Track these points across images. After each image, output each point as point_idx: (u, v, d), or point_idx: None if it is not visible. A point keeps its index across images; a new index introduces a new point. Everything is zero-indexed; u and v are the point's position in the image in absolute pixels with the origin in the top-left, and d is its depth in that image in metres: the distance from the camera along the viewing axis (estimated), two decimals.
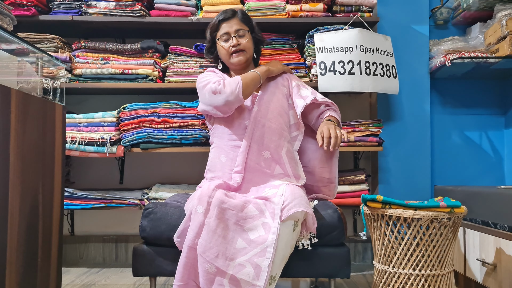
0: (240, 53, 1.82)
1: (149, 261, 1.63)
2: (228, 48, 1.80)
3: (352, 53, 2.30)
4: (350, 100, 2.72)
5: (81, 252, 2.70)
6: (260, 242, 1.44)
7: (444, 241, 1.60)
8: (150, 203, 1.72)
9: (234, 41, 1.79)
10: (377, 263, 1.73)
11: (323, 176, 1.84)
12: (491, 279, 1.79)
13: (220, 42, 1.82)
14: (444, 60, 2.39)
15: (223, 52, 1.84)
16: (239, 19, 1.83)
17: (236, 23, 1.82)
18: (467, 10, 2.49)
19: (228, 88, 1.69)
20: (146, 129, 2.33)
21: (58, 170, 1.63)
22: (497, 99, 2.72)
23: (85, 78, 2.42)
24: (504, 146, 2.70)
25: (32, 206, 1.43)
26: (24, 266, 1.38)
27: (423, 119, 2.57)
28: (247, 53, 1.84)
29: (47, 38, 2.41)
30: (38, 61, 1.70)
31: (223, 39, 1.82)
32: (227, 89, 1.69)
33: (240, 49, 1.81)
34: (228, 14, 1.83)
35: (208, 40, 1.89)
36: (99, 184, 2.69)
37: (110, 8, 2.40)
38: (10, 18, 1.72)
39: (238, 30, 1.81)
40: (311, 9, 2.41)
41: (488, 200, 1.88)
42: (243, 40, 1.82)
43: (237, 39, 1.80)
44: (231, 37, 1.80)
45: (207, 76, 1.82)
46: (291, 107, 1.86)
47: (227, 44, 1.81)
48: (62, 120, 1.67)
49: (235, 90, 1.68)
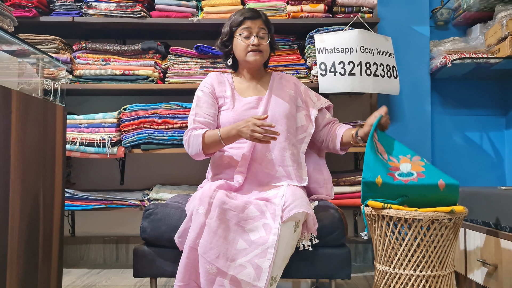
0: (259, 53, 1.80)
1: (150, 262, 1.63)
2: (247, 46, 1.79)
3: (353, 53, 2.30)
4: (350, 101, 2.72)
5: (82, 253, 2.70)
6: (261, 243, 1.44)
7: (445, 242, 1.60)
8: (150, 204, 1.72)
9: (256, 41, 1.78)
10: (377, 264, 1.73)
11: (318, 177, 1.85)
12: (492, 280, 1.78)
13: (240, 38, 1.80)
14: (445, 61, 2.39)
15: (240, 48, 1.81)
16: (262, 21, 1.82)
17: (260, 24, 1.81)
18: (468, 10, 2.49)
19: (190, 149, 1.75)
20: (147, 130, 2.33)
21: (59, 171, 1.63)
22: (497, 99, 2.71)
23: (86, 79, 2.42)
24: (504, 147, 2.70)
25: (32, 207, 1.43)
26: (24, 267, 1.38)
27: (423, 120, 2.57)
28: (264, 55, 1.83)
29: (48, 39, 2.41)
30: (39, 62, 1.70)
31: (244, 35, 1.79)
32: (190, 149, 1.75)
33: (260, 49, 1.80)
34: (254, 13, 1.82)
35: (226, 33, 1.85)
36: (100, 185, 2.69)
37: (110, 9, 2.41)
38: (10, 19, 1.73)
39: (260, 30, 1.80)
40: (311, 10, 2.41)
41: (489, 200, 1.88)
42: (264, 41, 1.81)
43: (259, 39, 1.79)
44: (253, 35, 1.79)
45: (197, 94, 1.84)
46: (299, 109, 1.86)
47: (247, 40, 1.79)
48: (63, 121, 1.67)
49: (195, 151, 1.73)
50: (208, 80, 1.87)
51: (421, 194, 1.56)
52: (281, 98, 1.82)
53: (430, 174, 1.58)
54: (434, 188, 1.55)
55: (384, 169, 1.57)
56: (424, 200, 1.56)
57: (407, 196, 1.57)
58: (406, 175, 1.58)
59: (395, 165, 1.61)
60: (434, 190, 1.55)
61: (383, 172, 1.56)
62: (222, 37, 1.87)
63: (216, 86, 1.85)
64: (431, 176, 1.58)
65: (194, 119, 1.77)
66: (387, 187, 1.55)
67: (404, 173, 1.58)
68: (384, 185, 1.55)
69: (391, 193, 1.57)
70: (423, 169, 1.61)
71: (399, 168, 1.61)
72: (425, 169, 1.61)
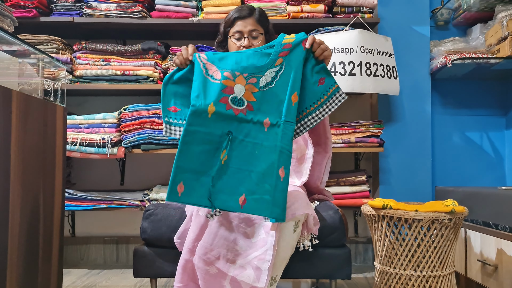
0: None
1: (150, 262, 1.63)
2: (239, 48, 1.74)
3: (353, 54, 2.31)
4: (350, 101, 2.72)
5: (82, 253, 2.70)
6: (261, 244, 1.44)
7: (445, 242, 1.60)
8: (150, 205, 1.72)
9: (246, 42, 1.72)
10: (378, 264, 1.73)
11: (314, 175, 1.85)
12: (492, 280, 1.78)
13: (232, 40, 1.76)
14: (445, 61, 2.39)
15: (233, 49, 1.77)
16: (255, 19, 1.75)
17: (251, 23, 1.74)
18: (468, 11, 2.49)
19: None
20: (147, 130, 2.33)
21: (59, 171, 1.63)
22: (497, 99, 2.71)
23: (86, 79, 2.42)
24: (505, 147, 2.70)
25: (33, 207, 1.43)
26: (24, 267, 1.38)
27: (424, 120, 2.57)
28: None
29: (48, 39, 2.41)
30: (39, 62, 1.70)
31: (236, 37, 1.74)
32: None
33: None
34: (245, 12, 1.75)
35: (221, 34, 1.82)
36: (100, 185, 2.69)
37: (111, 9, 2.41)
38: (11, 19, 1.73)
39: (252, 30, 1.74)
40: (311, 10, 2.41)
41: (489, 201, 1.88)
42: (256, 42, 1.74)
43: (249, 40, 1.73)
44: (244, 37, 1.73)
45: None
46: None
47: (238, 42, 1.74)
48: (63, 121, 1.67)
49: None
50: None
51: (244, 135, 1.36)
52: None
53: (260, 107, 1.38)
54: (259, 126, 1.37)
55: (217, 92, 1.37)
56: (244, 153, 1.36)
57: (231, 137, 1.36)
58: (238, 103, 1.38)
59: (230, 85, 1.39)
60: (258, 129, 1.36)
61: (213, 94, 1.37)
62: (218, 38, 1.85)
63: None
64: (261, 110, 1.38)
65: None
66: (218, 119, 1.36)
67: (237, 99, 1.38)
68: (216, 116, 1.36)
69: (218, 127, 1.36)
70: (254, 98, 1.39)
71: (233, 91, 1.39)
72: (256, 99, 1.38)
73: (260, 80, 1.39)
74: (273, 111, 1.37)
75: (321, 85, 1.42)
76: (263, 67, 1.41)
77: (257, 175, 1.34)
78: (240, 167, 1.35)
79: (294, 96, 1.37)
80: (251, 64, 1.41)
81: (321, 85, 1.42)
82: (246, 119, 1.37)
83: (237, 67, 1.40)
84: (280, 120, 1.36)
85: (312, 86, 1.41)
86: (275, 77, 1.40)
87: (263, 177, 1.33)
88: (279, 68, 1.40)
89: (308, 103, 1.42)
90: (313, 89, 1.41)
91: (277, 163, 1.32)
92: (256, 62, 1.41)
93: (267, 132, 1.36)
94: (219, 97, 1.36)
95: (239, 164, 1.35)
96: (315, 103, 1.42)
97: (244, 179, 1.34)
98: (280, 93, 1.38)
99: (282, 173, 1.32)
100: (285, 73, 1.39)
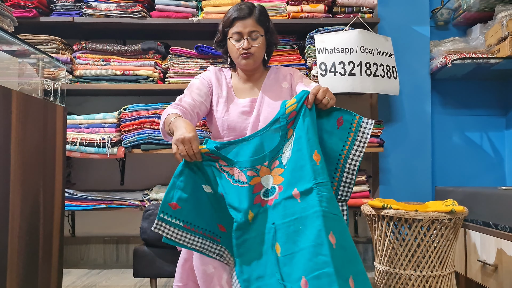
0: (250, 56, 1.69)
1: (150, 262, 1.64)
2: (238, 49, 1.69)
3: (353, 54, 2.31)
4: (350, 101, 2.72)
5: (82, 253, 2.70)
6: None
7: (445, 242, 1.60)
8: (150, 205, 1.72)
9: (245, 44, 1.67)
10: (378, 264, 1.73)
11: None
12: (492, 280, 1.78)
13: (232, 41, 1.71)
14: (445, 61, 2.39)
15: (232, 51, 1.73)
16: (255, 19, 1.69)
17: (251, 23, 1.68)
18: (468, 11, 2.49)
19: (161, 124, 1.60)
20: (147, 130, 2.33)
21: (59, 171, 1.63)
22: (497, 100, 2.71)
23: (86, 79, 2.42)
24: (505, 147, 2.70)
25: (33, 207, 1.43)
26: (25, 267, 1.38)
27: (423, 120, 2.57)
28: (256, 57, 1.71)
29: (48, 39, 2.41)
30: (39, 62, 1.70)
31: (235, 38, 1.69)
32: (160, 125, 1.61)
33: (250, 52, 1.68)
34: (244, 12, 1.69)
35: (220, 33, 1.76)
36: (100, 185, 2.69)
37: (110, 9, 2.41)
38: (11, 19, 1.73)
39: (251, 32, 1.68)
40: (311, 10, 2.41)
41: (489, 201, 1.88)
42: (255, 43, 1.69)
43: (249, 42, 1.68)
44: (243, 38, 1.68)
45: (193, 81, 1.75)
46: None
47: (238, 44, 1.69)
48: (63, 121, 1.67)
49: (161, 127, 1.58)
50: (208, 74, 1.80)
51: (283, 216, 1.29)
52: (274, 97, 1.74)
53: (288, 182, 1.31)
54: (292, 201, 1.29)
55: (248, 196, 1.32)
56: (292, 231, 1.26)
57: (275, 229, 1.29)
58: (270, 193, 1.34)
59: (257, 182, 1.35)
60: (292, 204, 1.29)
61: (246, 200, 1.32)
62: (216, 37, 1.80)
63: (214, 82, 1.80)
64: (289, 184, 1.31)
65: (181, 98, 1.67)
66: (259, 218, 1.32)
67: (269, 190, 1.34)
68: (256, 217, 1.32)
69: (262, 225, 1.32)
70: (282, 178, 1.33)
71: (262, 185, 1.34)
72: (284, 178, 1.33)
73: (282, 159, 1.34)
74: (300, 179, 1.28)
75: (341, 126, 1.36)
76: (278, 147, 1.35)
77: (309, 250, 1.19)
78: (293, 251, 1.23)
79: (315, 155, 1.28)
80: (267, 150, 1.36)
81: (341, 126, 1.36)
82: (278, 202, 1.31)
83: (256, 160, 1.35)
84: (310, 185, 1.25)
85: (332, 131, 1.36)
86: (292, 148, 1.34)
87: (314, 249, 1.18)
88: (292, 137, 1.35)
89: (337, 151, 1.35)
90: (335, 133, 1.36)
91: (324, 229, 1.19)
92: (270, 144, 1.36)
93: (302, 203, 1.25)
94: (252, 199, 1.31)
95: (291, 248, 1.24)
96: (345, 145, 1.36)
97: (299, 260, 1.21)
98: (300, 159, 1.30)
99: (332, 239, 1.19)
100: (297, 138, 1.33)
